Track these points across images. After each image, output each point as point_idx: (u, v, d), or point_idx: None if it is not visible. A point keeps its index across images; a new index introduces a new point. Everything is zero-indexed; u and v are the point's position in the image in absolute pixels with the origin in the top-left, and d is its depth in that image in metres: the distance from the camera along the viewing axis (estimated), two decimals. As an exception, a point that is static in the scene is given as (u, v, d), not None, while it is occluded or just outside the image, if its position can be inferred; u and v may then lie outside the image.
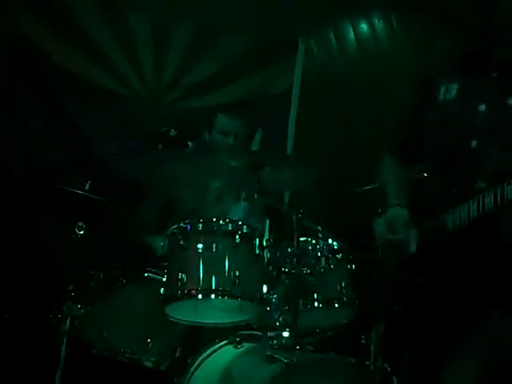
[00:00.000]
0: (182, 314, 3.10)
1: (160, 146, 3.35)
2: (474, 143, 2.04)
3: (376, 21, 5.69)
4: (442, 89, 2.09)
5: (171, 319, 3.08)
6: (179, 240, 3.05)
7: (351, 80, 5.44)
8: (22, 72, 4.60)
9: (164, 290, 3.02)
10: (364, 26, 5.68)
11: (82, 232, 3.31)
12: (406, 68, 5.42)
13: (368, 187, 4.01)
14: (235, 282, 2.96)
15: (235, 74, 5.15)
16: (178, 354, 3.32)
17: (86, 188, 3.37)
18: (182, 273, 2.97)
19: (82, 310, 3.24)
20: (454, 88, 2.07)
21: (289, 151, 5.10)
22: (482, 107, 2.04)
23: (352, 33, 5.61)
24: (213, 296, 2.96)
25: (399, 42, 5.69)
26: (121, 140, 4.66)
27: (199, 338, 3.35)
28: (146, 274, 3.36)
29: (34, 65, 4.63)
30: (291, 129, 5.18)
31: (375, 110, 5.36)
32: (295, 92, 5.25)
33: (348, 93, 5.40)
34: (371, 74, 5.49)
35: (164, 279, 3.08)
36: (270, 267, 3.18)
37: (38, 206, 4.14)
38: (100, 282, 3.32)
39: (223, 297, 2.97)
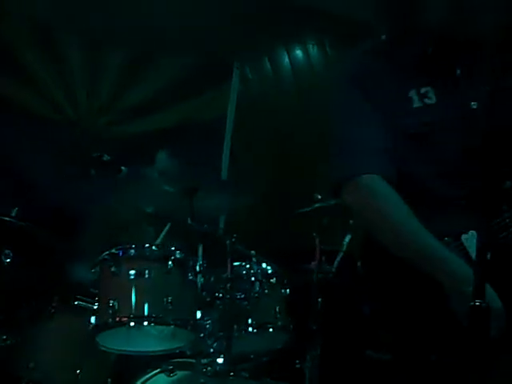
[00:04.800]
0: (113, 342, 3.02)
1: (93, 172, 3.29)
2: (485, 142, 1.81)
3: (310, 47, 5.78)
4: (413, 95, 1.99)
5: (102, 348, 3.00)
6: (110, 266, 2.99)
7: (286, 105, 5.50)
8: None
9: (95, 319, 2.95)
10: (298, 52, 5.76)
11: (8, 260, 3.21)
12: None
13: (304, 210, 4.02)
14: (168, 309, 2.91)
15: (170, 98, 5.13)
16: (109, 384, 3.24)
17: (13, 214, 3.28)
18: (113, 300, 2.90)
19: (8, 341, 3.13)
20: (431, 91, 1.97)
21: (223, 176, 5.09)
22: (474, 104, 1.95)
23: (287, 58, 5.68)
24: (145, 323, 2.90)
25: (334, 67, 5.78)
26: (52, 165, 4.56)
27: (131, 368, 3.28)
28: (75, 303, 3.27)
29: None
30: (226, 154, 5.18)
31: (310, 135, 5.42)
32: (230, 117, 5.26)
33: (283, 118, 5.45)
34: (306, 99, 5.56)
35: (95, 307, 3.00)
36: (204, 293, 3.15)
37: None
38: (27, 311, 3.22)
39: (156, 324, 2.92)
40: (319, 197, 3.80)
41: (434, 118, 1.96)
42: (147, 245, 3.07)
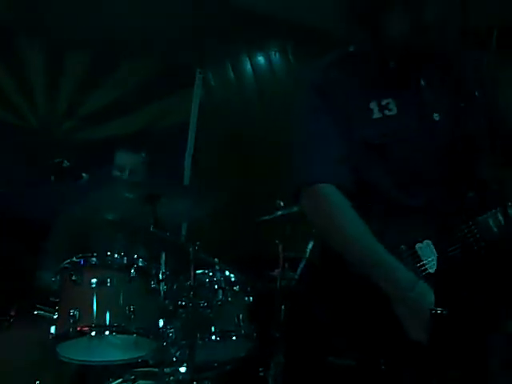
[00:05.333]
0: (74, 353, 2.97)
1: (52, 178, 3.24)
2: (448, 154, 1.96)
3: (272, 53, 5.80)
4: (374, 107, 2.00)
5: (63, 359, 2.95)
6: (71, 275, 2.95)
7: (248, 112, 5.50)
8: None
9: (55, 328, 2.89)
10: (261, 59, 5.77)
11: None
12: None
13: (266, 217, 4.02)
14: (130, 318, 2.88)
15: (133, 104, 5.09)
16: (70, 395, 3.19)
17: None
18: (74, 309, 2.86)
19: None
20: (392, 103, 2.00)
21: (186, 182, 5.07)
22: (436, 116, 1.99)
23: (249, 65, 5.69)
24: (107, 332, 2.87)
25: (296, 74, 5.81)
26: (12, 172, 4.48)
27: (92, 378, 3.23)
28: (35, 312, 3.21)
29: None
30: (188, 159, 5.16)
31: (272, 141, 5.42)
32: (192, 122, 5.25)
33: (245, 124, 5.45)
34: (268, 106, 5.57)
35: (55, 316, 2.94)
36: (167, 301, 3.12)
37: None
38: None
39: (118, 333, 2.89)
40: (282, 204, 3.81)
41: (393, 128, 1.99)
42: (109, 253, 3.04)
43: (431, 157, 1.97)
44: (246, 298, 3.30)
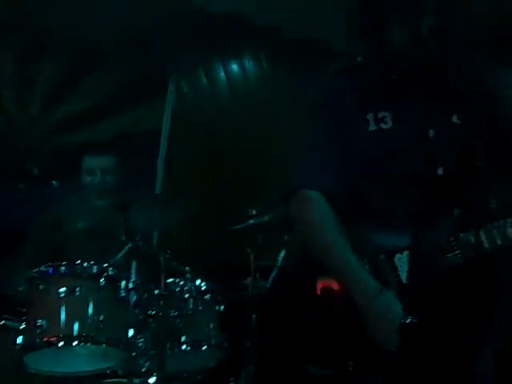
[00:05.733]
0: (42, 363, 2.93)
1: (21, 185, 3.21)
2: (440, 170, 1.99)
3: (246, 61, 5.80)
4: (370, 119, 2.02)
5: (30, 370, 2.91)
6: (38, 284, 2.91)
7: (222, 119, 5.49)
8: None
9: (22, 339, 2.85)
10: (234, 66, 5.77)
11: None
12: (278, 106, 5.56)
13: (239, 226, 4.01)
14: (99, 327, 2.86)
15: (105, 111, 5.05)
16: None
17: None
18: (41, 319, 2.83)
19: None
20: (388, 117, 2.01)
21: (158, 190, 5.04)
22: (431, 132, 2.00)
23: (222, 72, 5.68)
24: (75, 343, 2.84)
25: (270, 81, 5.83)
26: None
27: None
28: (1, 322, 3.17)
29: None
30: (160, 167, 5.13)
31: (245, 149, 5.43)
32: (165, 130, 5.22)
33: (218, 132, 5.44)
34: (241, 113, 5.57)
35: (22, 327, 2.90)
36: (137, 310, 3.10)
37: None
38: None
39: (86, 343, 2.85)
40: (253, 212, 3.80)
41: (386, 142, 2.01)
42: (79, 261, 3.01)
43: (422, 172, 2.00)
44: (217, 307, 3.29)
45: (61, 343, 2.81)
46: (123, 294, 3.03)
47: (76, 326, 2.84)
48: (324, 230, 1.99)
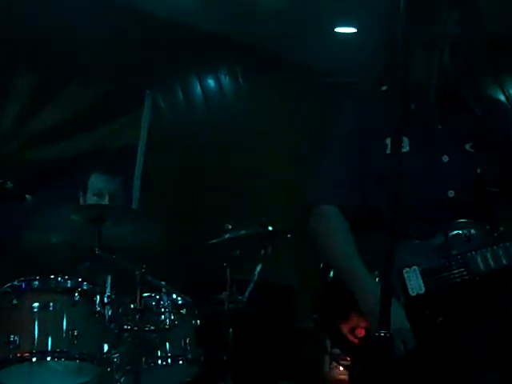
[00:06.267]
0: (15, 379, 2.89)
1: (-5, 199, 3.17)
2: (451, 193, 2.10)
3: (222, 76, 5.83)
4: (388, 143, 2.10)
5: (3, 386, 2.87)
6: (12, 299, 2.87)
7: (198, 134, 5.50)
8: None
9: (-6, 354, 2.81)
10: (211, 82, 5.80)
11: None
12: (254, 121, 5.59)
13: (215, 241, 4.00)
14: (73, 342, 2.83)
15: (81, 125, 5.02)
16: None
17: None
18: (14, 334, 2.79)
19: None
20: (405, 142, 2.11)
21: (134, 205, 5.01)
22: (445, 158, 2.12)
23: (199, 87, 5.70)
24: (49, 358, 2.81)
25: (246, 97, 5.87)
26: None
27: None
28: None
29: None
30: (137, 182, 5.11)
31: (221, 164, 5.44)
32: (141, 145, 5.20)
33: (195, 147, 5.44)
34: (218, 128, 5.59)
35: (-6, 342, 2.86)
36: (112, 325, 3.07)
37: None
38: None
39: (60, 359, 2.82)
40: (230, 227, 3.80)
41: (402, 164, 2.11)
42: (53, 276, 2.98)
43: (434, 193, 2.11)
44: (194, 322, 3.27)
45: (34, 358, 2.78)
46: (98, 309, 3.00)
47: (49, 341, 2.81)
48: (339, 244, 2.14)
